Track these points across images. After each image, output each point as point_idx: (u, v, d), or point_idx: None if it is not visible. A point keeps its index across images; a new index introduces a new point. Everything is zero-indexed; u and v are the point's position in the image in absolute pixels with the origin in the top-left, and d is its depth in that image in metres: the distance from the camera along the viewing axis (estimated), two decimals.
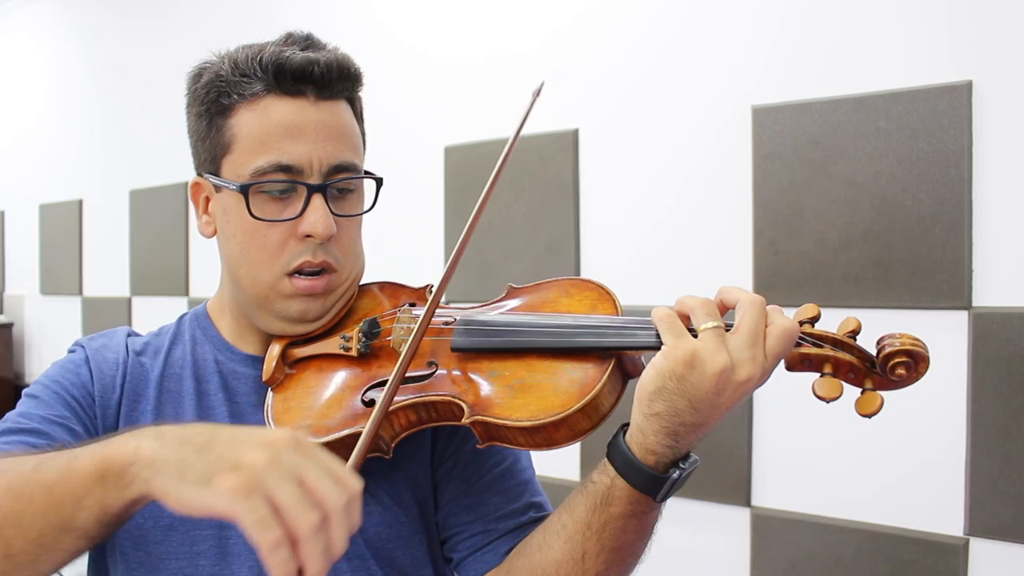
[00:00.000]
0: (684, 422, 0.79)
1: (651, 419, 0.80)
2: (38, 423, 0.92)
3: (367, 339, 0.98)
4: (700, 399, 0.78)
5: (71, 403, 0.97)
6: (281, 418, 0.95)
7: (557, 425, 0.84)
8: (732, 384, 0.78)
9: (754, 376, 0.78)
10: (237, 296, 1.03)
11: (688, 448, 0.82)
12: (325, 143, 0.95)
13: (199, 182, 1.02)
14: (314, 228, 0.94)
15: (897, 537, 1.73)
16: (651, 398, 0.80)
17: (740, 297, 0.81)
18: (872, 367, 0.81)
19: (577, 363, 0.86)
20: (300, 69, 0.94)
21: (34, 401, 0.96)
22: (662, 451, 0.80)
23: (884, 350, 0.80)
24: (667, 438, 0.80)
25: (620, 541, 0.85)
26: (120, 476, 0.67)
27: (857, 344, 0.82)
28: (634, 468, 0.81)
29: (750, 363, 0.78)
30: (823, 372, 0.81)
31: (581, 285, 0.97)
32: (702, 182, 2.01)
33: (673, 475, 0.81)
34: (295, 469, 0.64)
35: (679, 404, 0.78)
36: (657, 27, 2.08)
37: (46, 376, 1.01)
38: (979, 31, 1.65)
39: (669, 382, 0.78)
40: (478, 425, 0.87)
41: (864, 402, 0.80)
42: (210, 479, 0.63)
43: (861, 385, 0.82)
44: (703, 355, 0.77)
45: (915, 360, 0.79)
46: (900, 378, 0.80)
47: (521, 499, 1.01)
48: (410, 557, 0.99)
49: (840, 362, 0.81)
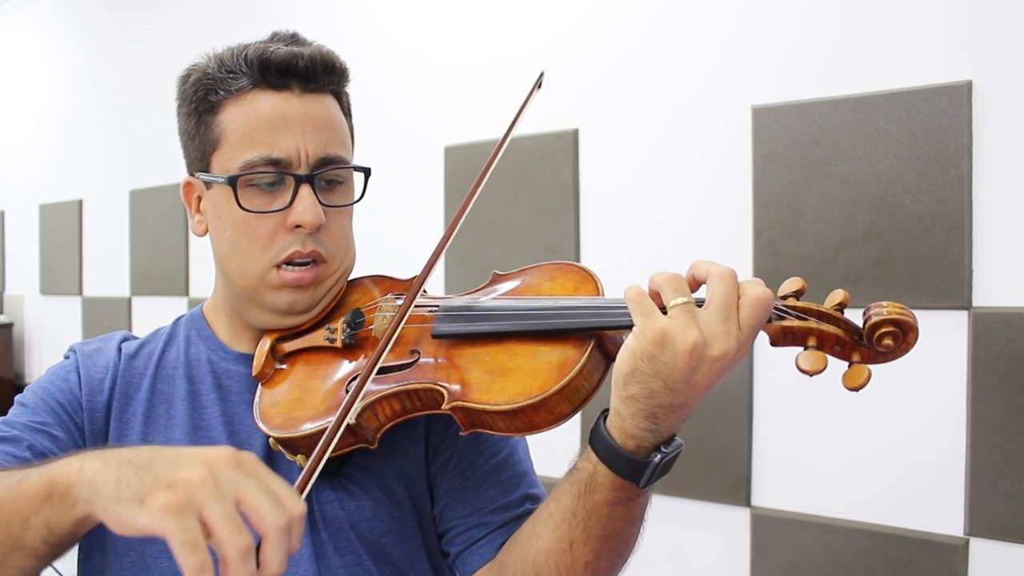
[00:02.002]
0: (661, 403, 0.77)
1: (627, 402, 0.78)
2: (20, 431, 0.93)
3: (351, 329, 0.98)
4: (674, 378, 0.75)
5: (56, 410, 0.98)
6: (268, 412, 0.96)
7: (536, 408, 0.83)
8: (707, 360, 0.75)
9: (729, 350, 0.75)
10: (228, 292, 1.03)
11: (670, 431, 0.80)
12: (312, 135, 0.96)
13: (191, 182, 1.03)
14: (302, 217, 0.94)
15: (897, 537, 1.73)
16: (625, 380, 0.78)
17: (710, 270, 0.78)
18: (859, 339, 0.78)
19: (557, 345, 0.85)
20: (284, 62, 0.95)
21: (20, 409, 0.98)
22: (642, 435, 0.79)
23: (870, 320, 0.77)
24: (645, 421, 0.78)
25: (607, 529, 0.84)
26: (64, 497, 0.68)
27: (843, 316, 0.79)
28: (614, 453, 0.80)
29: (724, 337, 0.75)
30: (807, 345, 0.78)
31: (564, 269, 0.96)
32: (702, 182, 2.01)
33: (655, 459, 0.79)
34: (233, 488, 0.62)
35: (653, 385, 0.76)
36: (657, 27, 2.08)
37: (37, 383, 1.03)
38: (979, 31, 1.65)
39: (641, 363, 0.76)
40: (459, 411, 0.86)
41: (851, 375, 0.77)
42: (144, 498, 0.62)
43: (848, 358, 0.78)
44: (673, 332, 0.75)
45: (902, 329, 0.76)
46: (888, 349, 0.76)
47: (517, 491, 1.00)
48: (404, 552, 0.99)
49: (825, 334, 0.78)
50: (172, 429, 1.00)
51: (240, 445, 0.99)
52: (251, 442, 0.99)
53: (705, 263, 0.80)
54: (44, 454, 0.93)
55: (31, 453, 0.92)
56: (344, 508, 0.97)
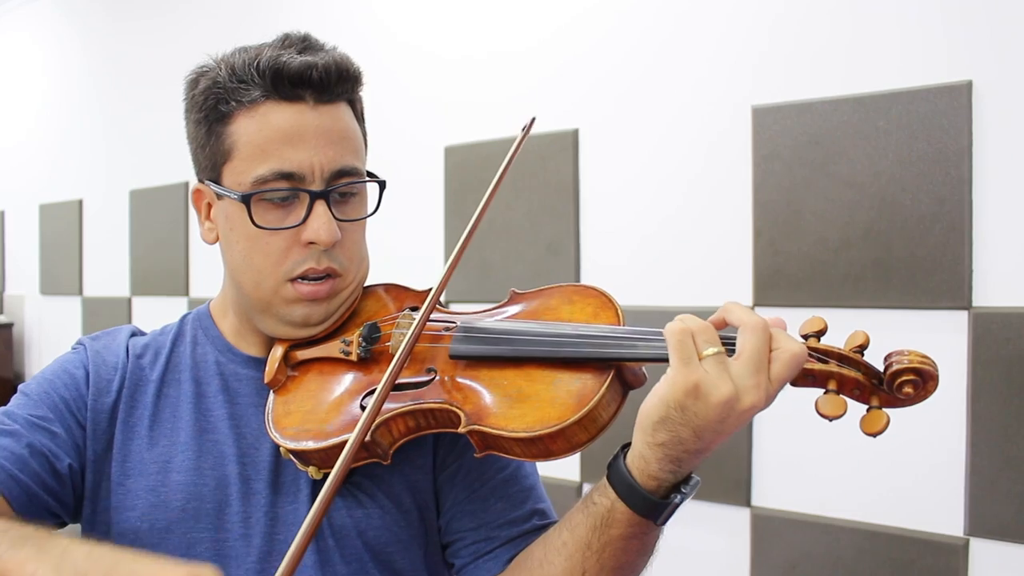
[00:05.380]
0: (687, 449, 0.78)
1: (654, 448, 0.79)
2: (20, 425, 0.93)
3: (367, 344, 0.97)
4: (704, 427, 0.77)
5: (58, 405, 0.97)
6: (281, 421, 0.95)
7: (553, 437, 0.83)
8: (736, 411, 0.76)
9: (758, 403, 0.77)
10: (240, 299, 1.02)
11: (690, 471, 0.82)
12: (326, 148, 0.94)
13: (201, 189, 1.01)
14: (317, 235, 0.93)
15: (897, 537, 1.73)
16: (655, 428, 0.78)
17: (743, 319, 0.78)
18: (879, 384, 0.79)
19: (576, 373, 0.85)
20: (298, 74, 0.93)
21: (23, 400, 0.98)
22: (664, 476, 0.80)
23: (892, 367, 0.77)
24: (670, 464, 0.79)
25: (620, 561, 0.85)
26: None
27: (864, 360, 0.79)
28: (635, 493, 0.81)
29: (754, 390, 0.76)
30: (827, 388, 0.79)
31: (584, 292, 0.95)
32: (702, 182, 2.01)
33: (675, 500, 0.81)
34: None
35: (683, 433, 0.77)
36: (657, 27, 2.08)
37: (42, 373, 1.02)
38: (979, 31, 1.65)
39: (673, 412, 0.77)
40: (475, 435, 0.86)
41: (870, 420, 0.78)
42: None
43: (867, 402, 0.79)
44: (707, 385, 0.76)
45: (923, 378, 0.77)
46: (907, 396, 0.77)
47: (524, 506, 1.00)
48: (409, 561, 0.99)
49: (845, 379, 0.79)
50: (177, 432, 1.00)
51: (247, 448, 0.99)
52: (258, 446, 0.99)
53: (738, 308, 0.80)
54: (43, 453, 0.93)
55: (29, 452, 0.92)
56: (352, 516, 0.97)
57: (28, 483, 0.91)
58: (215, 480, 0.97)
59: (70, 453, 0.96)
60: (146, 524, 0.95)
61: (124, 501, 0.97)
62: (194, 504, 0.96)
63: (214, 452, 0.98)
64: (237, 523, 0.96)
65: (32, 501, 0.91)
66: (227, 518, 0.96)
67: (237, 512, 0.96)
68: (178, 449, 0.98)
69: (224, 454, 0.98)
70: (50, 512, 0.94)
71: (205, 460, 0.98)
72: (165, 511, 0.96)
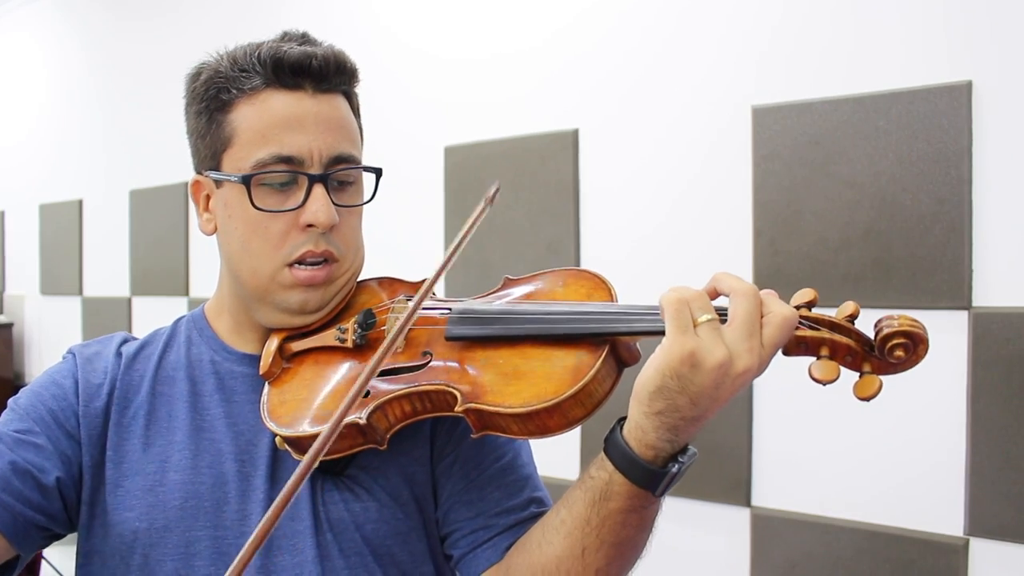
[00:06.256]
0: (684, 416, 0.79)
1: (652, 418, 0.80)
2: (4, 443, 0.94)
3: (362, 330, 0.98)
4: (700, 394, 0.78)
5: (44, 417, 0.97)
6: (276, 410, 0.95)
7: (550, 411, 0.83)
8: (730, 376, 0.77)
9: (752, 367, 0.78)
10: (237, 291, 1.03)
11: (687, 441, 0.82)
12: (325, 134, 0.96)
13: (199, 180, 1.02)
14: (316, 217, 0.94)
15: (897, 537, 1.73)
16: (651, 397, 0.79)
17: (733, 285, 0.80)
18: (870, 350, 0.80)
19: (571, 350, 0.86)
20: (298, 62, 0.95)
21: (11, 415, 0.98)
22: (661, 446, 0.80)
23: (882, 332, 0.78)
24: (667, 432, 0.80)
25: (620, 536, 0.85)
26: None
27: (855, 327, 0.81)
28: (632, 463, 0.81)
29: (747, 354, 0.77)
30: (820, 355, 0.80)
31: (577, 275, 0.96)
32: (702, 182, 2.01)
33: (672, 469, 0.81)
34: None
35: (679, 401, 0.78)
36: (657, 27, 2.08)
37: (31, 385, 1.02)
38: (978, 31, 1.65)
39: (670, 381, 0.78)
40: (471, 413, 0.87)
41: (862, 385, 0.79)
42: None
43: (859, 368, 0.80)
44: (702, 352, 0.77)
45: (914, 341, 0.78)
46: (899, 360, 0.78)
47: (522, 494, 1.00)
48: (409, 554, 0.99)
49: (837, 345, 0.80)
50: (173, 431, 1.00)
51: (244, 445, 0.99)
52: (256, 442, 0.99)
53: (728, 276, 0.81)
54: (26, 471, 0.93)
55: (12, 470, 0.91)
56: (349, 509, 0.97)
57: (11, 503, 0.91)
58: (212, 478, 0.97)
59: (56, 465, 0.95)
60: (144, 524, 0.95)
61: (122, 502, 0.96)
62: (192, 503, 0.96)
63: (211, 450, 0.99)
64: (235, 520, 0.96)
65: (17, 520, 0.91)
66: (225, 515, 0.96)
67: (235, 509, 0.96)
68: (175, 448, 0.98)
69: (221, 452, 0.98)
70: (38, 527, 0.94)
71: (202, 458, 0.98)
72: (163, 510, 0.96)
